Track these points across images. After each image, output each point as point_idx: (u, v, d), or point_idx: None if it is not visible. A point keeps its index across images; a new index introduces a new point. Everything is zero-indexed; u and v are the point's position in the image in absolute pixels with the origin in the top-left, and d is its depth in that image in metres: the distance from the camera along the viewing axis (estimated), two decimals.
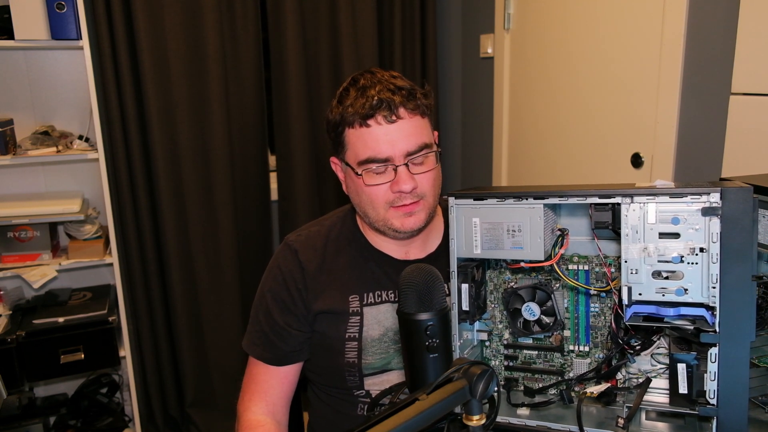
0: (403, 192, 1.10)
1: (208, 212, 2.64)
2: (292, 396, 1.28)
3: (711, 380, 0.74)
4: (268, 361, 1.23)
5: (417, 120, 1.11)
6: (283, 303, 1.22)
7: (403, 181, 1.09)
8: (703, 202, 0.75)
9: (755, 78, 1.57)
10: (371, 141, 1.09)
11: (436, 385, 0.67)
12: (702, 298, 0.75)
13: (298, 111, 2.69)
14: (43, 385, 2.58)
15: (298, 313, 1.21)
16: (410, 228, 1.15)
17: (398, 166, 1.09)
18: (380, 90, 1.09)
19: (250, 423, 1.18)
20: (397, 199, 1.12)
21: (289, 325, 1.21)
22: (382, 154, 1.09)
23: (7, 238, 2.29)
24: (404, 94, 1.09)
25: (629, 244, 0.78)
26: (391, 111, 1.08)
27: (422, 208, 1.14)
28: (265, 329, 1.23)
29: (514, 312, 0.97)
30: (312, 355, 1.25)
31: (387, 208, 1.14)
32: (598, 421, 0.85)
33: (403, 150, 1.09)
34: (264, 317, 1.24)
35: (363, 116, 1.08)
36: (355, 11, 2.73)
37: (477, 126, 2.98)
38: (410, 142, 1.09)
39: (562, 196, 0.83)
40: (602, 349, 0.93)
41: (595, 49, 2.20)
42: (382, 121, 1.08)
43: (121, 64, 2.37)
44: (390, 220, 1.14)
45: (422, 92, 1.13)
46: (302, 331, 1.22)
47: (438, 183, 1.17)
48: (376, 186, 1.12)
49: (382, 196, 1.13)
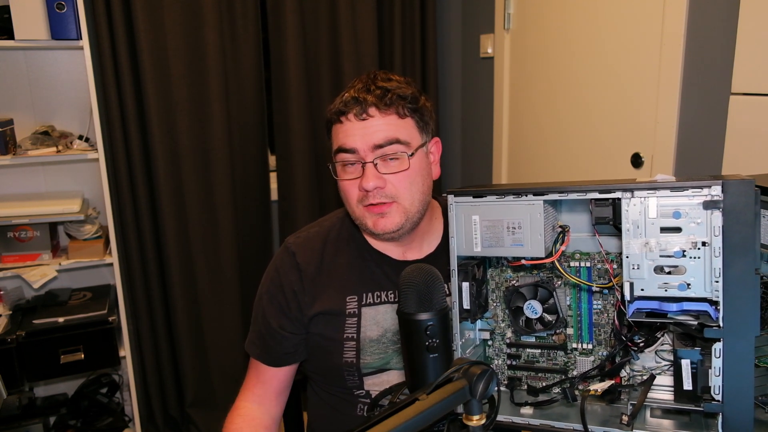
0: (367, 190, 1.11)
1: (208, 212, 2.63)
2: (287, 393, 1.31)
3: (716, 376, 0.73)
4: (264, 362, 1.26)
5: (391, 119, 1.12)
6: (278, 305, 1.23)
7: (366, 179, 1.10)
8: (704, 195, 0.74)
9: (755, 78, 1.56)
10: (342, 134, 1.13)
11: (436, 385, 0.67)
12: (705, 292, 0.74)
13: (298, 111, 2.69)
14: (43, 385, 2.58)
15: (291, 316, 1.22)
16: (382, 230, 1.13)
17: (366, 162, 1.10)
18: (359, 89, 1.13)
19: (237, 408, 1.26)
20: (365, 198, 1.13)
21: (282, 327, 1.23)
22: (348, 145, 1.12)
23: (7, 238, 2.29)
24: (378, 94, 1.11)
25: (630, 240, 0.78)
26: (362, 108, 1.11)
27: (395, 210, 1.13)
28: (262, 331, 1.25)
29: (516, 310, 0.97)
30: (311, 356, 1.25)
31: (359, 206, 1.15)
32: (603, 419, 0.85)
33: (369, 143, 1.10)
34: (261, 319, 1.26)
35: (337, 113, 1.14)
36: (355, 11, 2.73)
37: (477, 126, 2.98)
38: (378, 136, 1.10)
39: (561, 192, 0.83)
40: (606, 346, 0.93)
41: (595, 49, 2.20)
42: (353, 117, 1.12)
43: (121, 64, 2.36)
44: (364, 219, 1.15)
45: (399, 93, 1.12)
46: (296, 334, 1.23)
47: (418, 187, 1.14)
48: (347, 181, 1.14)
49: (353, 193, 1.15)
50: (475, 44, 2.89)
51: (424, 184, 1.16)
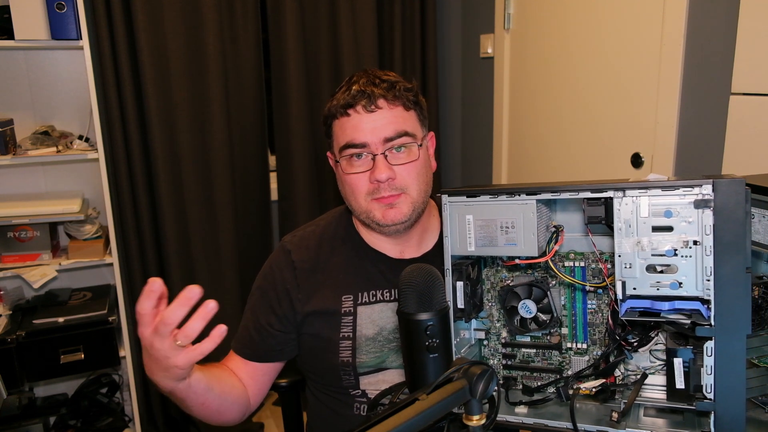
0: (380, 181, 1.11)
1: (208, 212, 2.64)
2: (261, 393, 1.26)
3: (707, 374, 0.73)
4: (245, 356, 1.25)
5: (399, 111, 1.13)
6: (269, 302, 1.23)
7: (378, 170, 1.10)
8: (695, 194, 0.74)
9: (755, 78, 1.56)
10: (350, 128, 1.12)
11: (436, 385, 0.67)
12: (697, 291, 0.74)
13: (298, 111, 2.69)
14: (43, 385, 2.58)
15: (281, 314, 1.22)
16: (392, 220, 1.14)
17: (376, 155, 1.10)
18: (364, 83, 1.12)
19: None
20: (376, 190, 1.12)
21: (270, 324, 1.23)
22: (358, 140, 1.11)
23: (7, 238, 2.30)
24: (385, 87, 1.12)
25: (622, 239, 0.78)
26: (370, 101, 1.11)
27: (404, 201, 1.14)
28: (249, 325, 1.26)
29: (511, 310, 0.96)
30: (307, 355, 1.25)
31: (368, 199, 1.14)
32: (596, 418, 0.84)
33: (380, 136, 1.10)
34: (250, 314, 1.27)
35: (344, 106, 1.12)
36: (355, 11, 2.73)
37: (477, 126, 2.98)
38: (388, 129, 1.11)
39: (554, 192, 0.83)
40: (600, 346, 0.93)
41: (595, 49, 2.19)
42: (362, 110, 1.11)
43: (121, 64, 2.37)
44: (372, 212, 1.14)
45: (405, 86, 1.14)
46: (283, 332, 1.23)
47: (423, 178, 1.16)
48: (355, 174, 1.13)
49: (361, 186, 1.14)
50: (475, 44, 2.89)
51: (428, 175, 1.18)
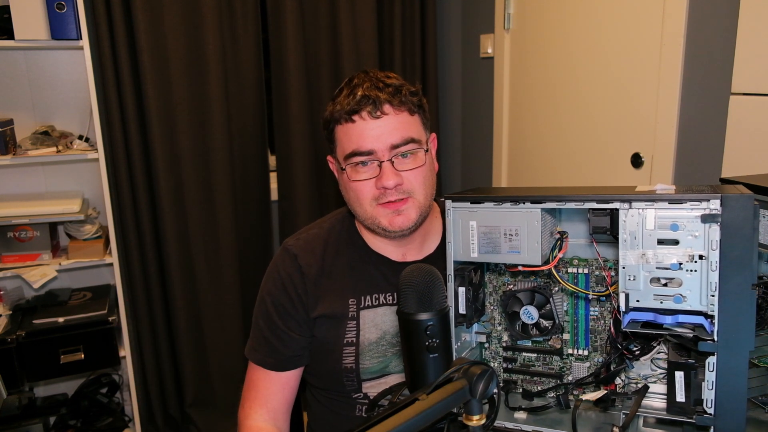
0: (387, 188, 1.10)
1: (208, 212, 2.63)
2: (292, 402, 1.26)
3: (708, 389, 0.73)
4: (269, 366, 1.22)
5: (404, 116, 1.11)
6: (283, 307, 1.21)
7: (386, 177, 1.09)
8: (702, 208, 0.73)
9: (755, 78, 1.56)
10: (355, 135, 1.10)
11: (436, 385, 0.67)
12: (700, 306, 0.74)
13: (298, 111, 2.69)
14: (43, 385, 2.58)
15: (298, 317, 1.20)
16: (399, 227, 1.13)
17: (383, 161, 1.09)
18: (368, 87, 1.10)
19: (251, 430, 1.18)
20: (382, 196, 1.11)
21: (290, 329, 1.20)
22: (365, 147, 1.09)
23: (7, 238, 2.30)
24: (390, 91, 1.10)
25: (627, 251, 0.77)
26: (375, 107, 1.09)
27: (411, 206, 1.13)
28: (266, 334, 1.22)
29: (513, 315, 0.97)
30: (311, 359, 1.24)
31: (374, 205, 1.13)
32: (596, 427, 0.85)
33: (387, 143, 1.09)
34: (264, 322, 1.23)
35: (349, 112, 1.10)
36: (355, 11, 2.72)
37: (477, 126, 2.98)
38: (395, 136, 1.09)
39: (559, 201, 0.82)
40: (602, 353, 0.93)
41: (595, 49, 2.19)
42: (367, 116, 1.09)
43: (121, 64, 2.36)
44: (378, 218, 1.13)
45: (410, 90, 1.13)
46: (303, 336, 1.21)
47: (429, 182, 1.16)
48: (360, 182, 1.12)
49: (367, 193, 1.12)
50: (475, 44, 2.89)
51: (432, 178, 1.17)
